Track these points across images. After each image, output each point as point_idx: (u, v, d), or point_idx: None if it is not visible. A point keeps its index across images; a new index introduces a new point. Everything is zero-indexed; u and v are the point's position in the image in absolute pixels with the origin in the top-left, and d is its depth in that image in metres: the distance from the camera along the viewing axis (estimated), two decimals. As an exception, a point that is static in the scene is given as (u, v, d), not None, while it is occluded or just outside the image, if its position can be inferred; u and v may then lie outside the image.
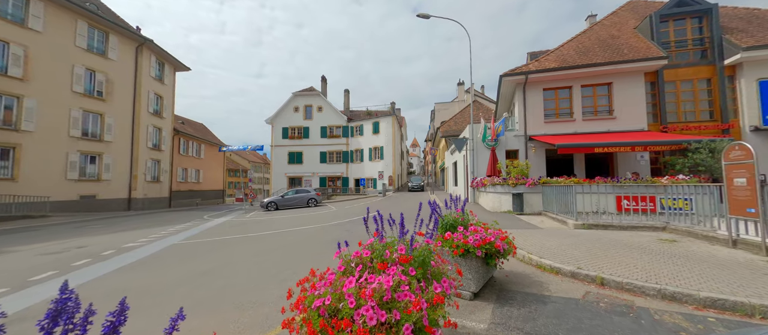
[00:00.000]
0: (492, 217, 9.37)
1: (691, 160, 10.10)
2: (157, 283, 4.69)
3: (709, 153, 9.74)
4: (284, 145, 35.45)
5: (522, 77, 14.14)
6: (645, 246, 5.24)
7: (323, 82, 37.40)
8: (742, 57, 12.06)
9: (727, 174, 4.96)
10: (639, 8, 16.92)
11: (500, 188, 11.18)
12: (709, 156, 9.68)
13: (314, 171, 34.90)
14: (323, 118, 35.62)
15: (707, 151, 9.79)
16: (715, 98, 13.04)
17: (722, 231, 5.33)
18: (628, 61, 12.97)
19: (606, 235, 6.32)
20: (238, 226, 11.78)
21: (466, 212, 4.29)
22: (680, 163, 10.48)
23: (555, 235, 6.53)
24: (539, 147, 14.11)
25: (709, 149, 9.84)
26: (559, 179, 9.95)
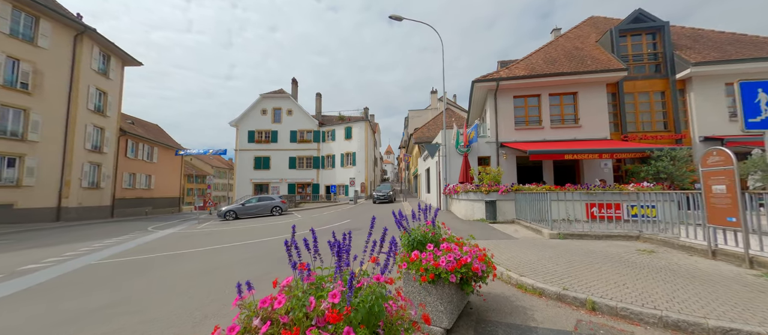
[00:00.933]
0: (465, 226, 8.88)
1: (654, 167, 10.37)
2: (19, 328, 3.46)
3: (671, 161, 10.05)
4: (250, 149, 33.34)
5: (493, 84, 14.10)
6: (626, 258, 4.87)
7: (294, 85, 35.95)
8: (692, 72, 12.85)
9: (705, 181, 4.73)
10: (599, 24, 17.81)
11: (473, 196, 10.78)
12: (670, 164, 9.97)
13: (282, 177, 33.11)
14: (293, 122, 34.08)
15: (668, 159, 10.10)
16: (668, 110, 13.79)
17: (699, 241, 5.10)
18: (592, 71, 13.35)
19: (583, 246, 5.95)
20: (184, 239, 10.28)
21: (437, 225, 3.58)
22: (644, 170, 10.75)
23: (532, 246, 6.05)
24: (510, 154, 14.06)
25: (671, 157, 10.16)
26: (532, 186, 9.71)
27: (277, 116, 34.22)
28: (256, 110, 34.01)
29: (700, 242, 5.06)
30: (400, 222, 3.40)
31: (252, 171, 33.04)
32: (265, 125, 33.90)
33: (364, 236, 8.34)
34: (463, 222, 10.21)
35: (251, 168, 33.10)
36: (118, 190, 23.74)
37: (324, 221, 13.10)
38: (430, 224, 3.55)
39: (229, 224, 15.17)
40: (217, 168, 55.41)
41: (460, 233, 8.17)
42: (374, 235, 2.24)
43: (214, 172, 54.78)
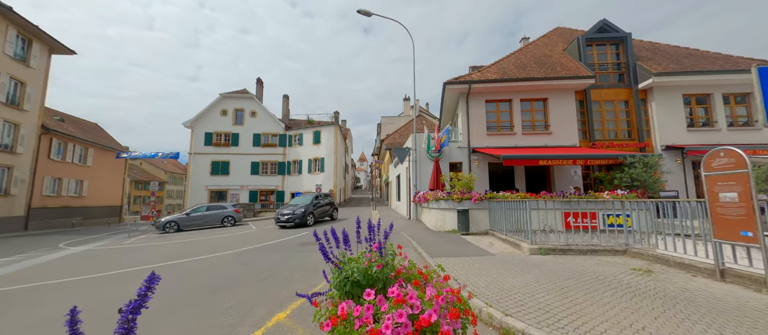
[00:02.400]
0: (434, 239, 7.84)
1: (628, 175, 10.10)
2: None
3: (644, 167, 9.82)
4: (207, 153, 30.38)
5: (465, 87, 13.48)
6: (625, 282, 3.99)
7: (259, 85, 33.67)
8: (653, 82, 13.10)
9: (710, 188, 4.01)
10: (565, 34, 18.12)
11: (444, 204, 9.81)
12: (643, 171, 9.74)
13: (243, 184, 30.46)
14: (257, 124, 31.70)
15: (642, 165, 9.87)
16: (632, 119, 13.98)
17: (701, 258, 4.37)
18: (562, 77, 13.19)
19: (570, 264, 5.07)
20: (94, 260, 8.20)
21: (389, 251, 2.40)
22: (618, 178, 10.47)
23: (512, 265, 5.06)
24: (482, 160, 13.43)
25: (644, 163, 9.95)
26: (507, 194, 8.96)
27: (239, 118, 31.66)
28: (215, 111, 31.22)
29: (702, 259, 4.34)
30: (326, 255, 2.18)
31: (208, 177, 30.04)
32: (225, 126, 31.18)
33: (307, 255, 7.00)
34: (433, 234, 9.16)
35: (207, 174, 30.10)
36: (37, 197, 20.09)
37: (276, 235, 11.44)
38: (378, 249, 2.36)
39: (167, 238, 12.93)
40: (173, 173, 50.53)
41: (430, 247, 7.13)
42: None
43: (168, 178, 49.88)
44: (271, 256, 7.26)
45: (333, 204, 16.86)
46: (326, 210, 16.17)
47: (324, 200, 16.12)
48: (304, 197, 15.74)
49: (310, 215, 14.07)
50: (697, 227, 4.51)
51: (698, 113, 13.69)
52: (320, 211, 15.40)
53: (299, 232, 11.74)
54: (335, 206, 16.93)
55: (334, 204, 17.07)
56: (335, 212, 16.87)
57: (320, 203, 15.62)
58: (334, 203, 16.99)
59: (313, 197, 15.43)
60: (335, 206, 16.93)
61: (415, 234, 9.27)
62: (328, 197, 16.88)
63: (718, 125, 13.24)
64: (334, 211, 16.82)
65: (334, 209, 16.79)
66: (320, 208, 15.46)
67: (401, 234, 9.76)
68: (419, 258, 6.37)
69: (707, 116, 13.61)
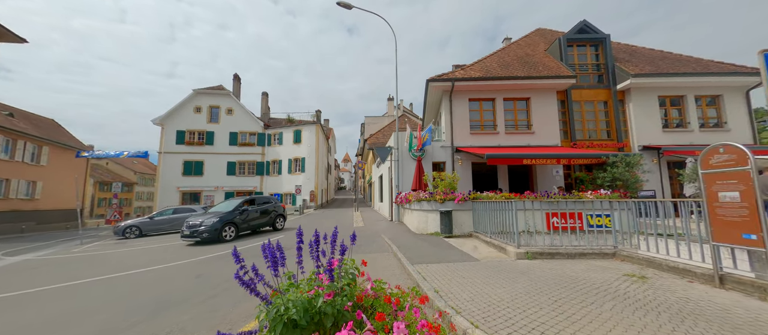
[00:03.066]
0: (416, 242, 7.30)
1: (610, 174, 10.04)
2: None
3: (626, 167, 9.78)
4: (178, 152, 28.64)
5: (448, 84, 13.15)
6: (622, 291, 3.62)
7: (236, 82, 32.19)
8: (631, 83, 13.27)
9: (708, 187, 3.71)
10: (546, 35, 18.24)
11: (426, 205, 9.35)
12: (625, 170, 9.68)
13: (219, 185, 28.95)
14: (234, 122, 30.26)
15: (624, 165, 9.82)
16: (611, 119, 14.13)
17: (697, 262, 4.08)
18: (544, 77, 13.12)
19: (559, 269, 4.69)
20: (27, 273, 7.11)
21: (347, 270, 1.84)
22: (600, 177, 10.40)
23: (498, 273, 4.62)
24: (466, 159, 13.13)
25: (626, 163, 9.91)
26: (490, 194, 8.61)
27: (215, 116, 30.10)
28: (188, 108, 29.51)
29: (697, 263, 4.05)
30: (247, 284, 1.60)
31: (180, 178, 28.31)
32: (199, 124, 29.53)
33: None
34: (414, 237, 8.66)
35: (179, 174, 28.36)
36: (-22, 201, 18.04)
37: (244, 240, 10.49)
38: (329, 271, 1.79)
39: (126, 244, 11.74)
40: (143, 174, 47.54)
41: (410, 251, 6.57)
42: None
43: (138, 179, 46.90)
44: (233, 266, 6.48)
45: (273, 212, 12.70)
46: (262, 219, 12.05)
47: (258, 207, 11.93)
48: (228, 203, 11.56)
49: (230, 226, 10.27)
50: (693, 229, 4.22)
51: (672, 114, 14.02)
52: (253, 220, 11.47)
53: (267, 237, 10.91)
54: (281, 213, 13.10)
55: (281, 211, 13.17)
56: (280, 221, 12.99)
57: (251, 211, 11.41)
58: (278, 209, 13.05)
59: (240, 201, 11.37)
60: (281, 213, 13.10)
61: (396, 237, 8.75)
62: (271, 203, 12.80)
63: (690, 126, 13.59)
64: (279, 219, 12.91)
65: (279, 218, 12.94)
66: (252, 216, 11.44)
67: (381, 237, 9.21)
68: (398, 265, 5.84)
69: (681, 118, 13.96)
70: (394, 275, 5.16)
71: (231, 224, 10.42)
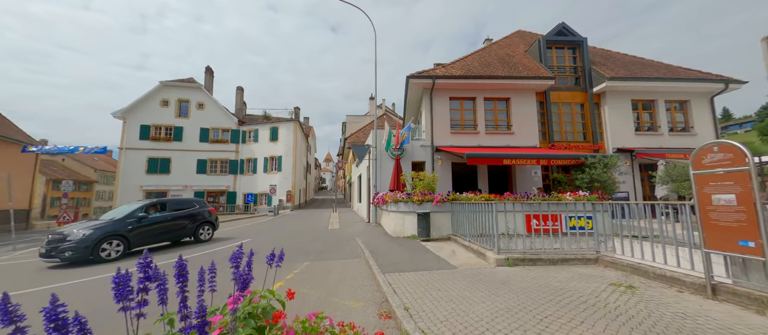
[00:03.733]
0: (392, 247, 6.65)
1: (589, 175, 9.98)
2: None
3: (604, 168, 9.75)
4: (142, 148, 26.61)
5: (429, 82, 12.75)
6: (609, 304, 3.25)
7: (208, 75, 30.42)
8: (607, 86, 13.46)
9: (699, 189, 3.40)
10: (526, 37, 18.35)
11: (403, 206, 8.85)
12: (603, 171, 9.65)
13: (187, 184, 27.18)
14: (205, 117, 28.55)
15: (602, 166, 9.79)
16: (587, 121, 14.30)
17: (685, 270, 3.79)
18: (524, 77, 13.03)
19: (542, 278, 4.29)
20: None
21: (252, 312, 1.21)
22: (579, 178, 10.34)
23: (477, 284, 4.16)
24: (446, 159, 12.79)
25: (604, 164, 9.89)
26: (470, 195, 8.24)
27: (184, 110, 28.25)
28: (154, 101, 27.52)
29: (686, 271, 3.76)
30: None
31: (144, 176, 26.31)
32: (167, 119, 27.61)
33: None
34: (390, 241, 8.13)
35: (143, 172, 26.36)
36: None
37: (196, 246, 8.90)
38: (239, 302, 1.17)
39: (67, 249, 10.37)
40: (104, 172, 44.05)
41: (383, 257, 5.85)
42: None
43: (99, 177, 43.43)
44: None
45: (197, 218, 9.65)
46: (177, 229, 8.99)
47: (172, 213, 8.95)
48: (124, 208, 8.55)
49: (115, 240, 7.45)
50: (681, 234, 3.94)
51: (644, 118, 14.38)
52: (161, 231, 8.54)
53: (225, 244, 9.85)
54: (208, 220, 9.98)
55: (208, 217, 10.03)
56: (206, 231, 9.90)
57: (156, 219, 8.46)
58: (205, 214, 9.94)
59: (140, 205, 8.44)
60: (208, 220, 9.98)
61: (371, 241, 8.18)
62: (194, 207, 9.79)
63: (661, 129, 13.97)
64: (204, 228, 9.85)
65: (205, 226, 9.86)
66: (159, 226, 8.46)
67: (356, 241, 8.61)
68: (369, 273, 5.26)
69: (652, 121, 14.34)
70: (362, 286, 4.59)
71: (117, 237, 7.47)
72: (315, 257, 6.89)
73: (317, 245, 8.32)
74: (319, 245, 8.31)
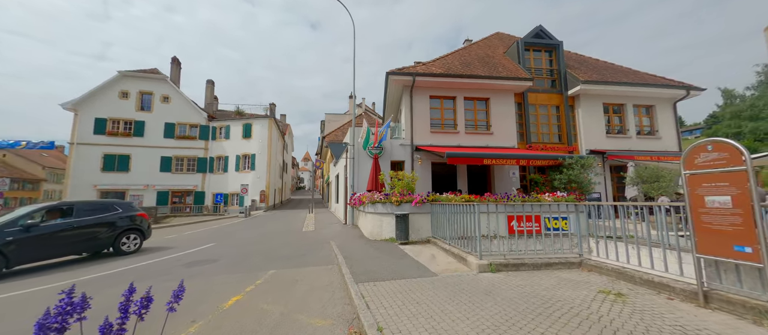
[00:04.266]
0: (367, 251, 6.07)
1: (566, 176, 10.03)
2: None
3: (581, 168, 9.83)
4: (97, 143, 24.29)
5: (409, 79, 12.40)
6: (602, 315, 2.98)
7: (175, 66, 28.39)
8: (581, 89, 13.78)
9: (691, 190, 3.21)
10: (505, 39, 18.54)
11: (381, 208, 8.39)
12: (580, 172, 9.72)
13: (149, 183, 25.14)
14: (171, 112, 26.57)
15: (579, 166, 9.87)
16: (562, 123, 14.58)
17: (674, 275, 3.61)
18: (504, 77, 13.02)
19: (527, 286, 3.99)
20: None
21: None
22: (557, 179, 10.37)
23: (459, 294, 3.77)
24: (426, 159, 12.49)
25: (581, 165, 9.97)
26: (450, 196, 7.93)
27: (146, 103, 26.13)
28: (112, 92, 25.21)
29: (675, 277, 3.58)
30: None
31: (99, 174, 24.01)
32: (126, 112, 25.38)
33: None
34: (367, 245, 7.63)
35: (98, 169, 24.06)
36: None
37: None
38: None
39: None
40: (55, 170, 39.98)
41: (358, 264, 5.13)
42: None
43: (48, 175, 39.36)
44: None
45: (121, 223, 7.89)
46: (85, 239, 7.24)
47: (78, 219, 7.16)
48: (15, 213, 6.89)
49: None
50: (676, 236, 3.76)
51: (614, 121, 14.89)
52: (60, 242, 6.85)
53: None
54: (135, 226, 8.16)
55: (133, 223, 8.15)
56: (131, 240, 8.09)
57: (52, 227, 6.78)
58: (129, 220, 8.08)
59: (30, 210, 6.85)
60: (135, 226, 8.16)
61: (346, 245, 7.65)
62: (116, 212, 7.93)
63: (629, 132, 14.51)
64: (128, 237, 8.03)
65: (127, 234, 8.01)
66: (56, 236, 6.78)
67: (330, 245, 8.04)
68: (341, 283, 4.74)
69: (621, 125, 14.88)
70: (332, 299, 4.06)
71: None
72: (283, 264, 6.25)
73: (287, 251, 7.65)
74: (290, 250, 7.65)
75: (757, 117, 30.24)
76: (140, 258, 7.46)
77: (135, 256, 7.77)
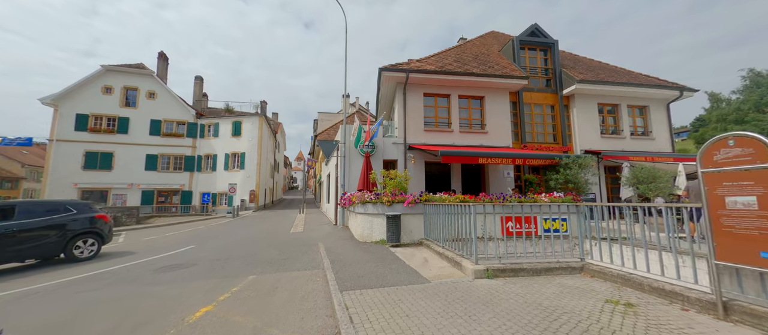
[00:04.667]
0: (356, 255, 5.50)
1: (563, 176, 9.78)
2: None
3: (579, 168, 9.59)
4: (79, 140, 23.31)
5: (402, 76, 12.04)
6: (614, 330, 2.64)
7: (161, 61, 27.50)
8: (576, 88, 13.61)
9: (710, 190, 2.90)
10: (499, 38, 18.34)
11: (371, 208, 8.00)
12: (578, 171, 9.49)
13: (134, 182, 24.24)
14: (157, 108, 25.70)
15: (577, 166, 9.63)
16: (557, 123, 14.40)
17: (688, 283, 3.30)
18: (499, 76, 12.76)
19: (528, 294, 3.65)
20: None
21: None
22: (554, 179, 10.12)
23: (454, 304, 3.41)
24: (419, 158, 12.14)
25: (579, 164, 9.74)
26: (444, 196, 7.59)
27: (131, 99, 25.22)
28: (94, 87, 24.25)
29: (690, 285, 3.28)
30: None
31: (80, 172, 23.04)
32: (109, 108, 24.44)
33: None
34: (356, 247, 7.23)
35: (79, 167, 23.08)
36: None
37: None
38: None
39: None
40: (35, 167, 38.47)
41: (345, 269, 4.60)
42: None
43: (27, 173, 37.84)
44: None
45: (74, 225, 7.11)
46: (27, 245, 6.43)
47: (19, 222, 6.41)
48: None
49: None
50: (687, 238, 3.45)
51: (609, 121, 14.78)
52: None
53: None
54: (89, 229, 7.30)
55: (91, 226, 7.36)
56: (89, 245, 7.29)
57: None
58: (83, 223, 7.25)
59: None
60: (89, 229, 7.30)
61: (334, 247, 7.23)
62: (67, 214, 7.16)
63: (623, 133, 14.41)
64: (83, 240, 7.22)
65: (82, 238, 7.20)
66: None
67: (318, 247, 7.62)
68: (325, 290, 4.33)
69: (615, 125, 14.77)
70: (313, 310, 3.66)
71: None
72: (264, 268, 5.81)
73: (271, 254, 7.20)
74: (274, 253, 7.20)
75: (743, 121, 30.81)
76: (99, 265, 6.63)
77: (92, 262, 6.91)
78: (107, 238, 7.80)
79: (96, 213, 7.63)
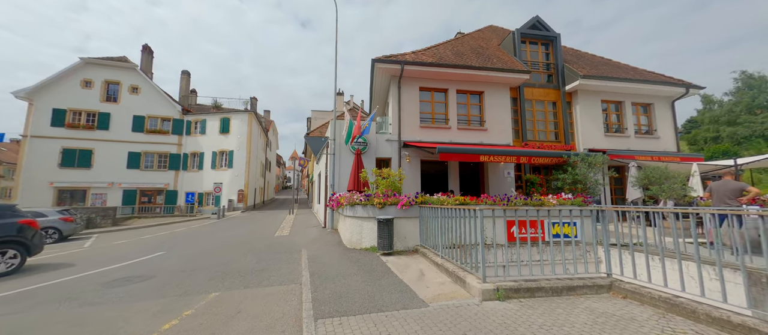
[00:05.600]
0: (341, 267, 4.36)
1: (572, 175, 9.04)
2: None
3: (587, 167, 8.87)
4: (55, 137, 22.02)
5: (397, 68, 11.23)
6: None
7: (146, 54, 26.24)
8: (579, 84, 12.93)
9: None
10: (498, 32, 17.63)
11: (361, 210, 7.16)
12: (587, 170, 8.76)
13: (115, 181, 23.00)
14: (140, 104, 24.47)
15: (586, 165, 8.91)
16: (559, 120, 13.72)
17: (731, 306, 2.53)
18: (500, 70, 12.03)
19: (555, 326, 2.87)
20: None
21: None
22: (561, 179, 9.38)
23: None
24: (414, 156, 11.34)
25: (588, 163, 9.02)
26: (442, 197, 6.78)
27: (113, 93, 23.96)
28: (73, 81, 22.96)
29: (735, 309, 2.49)
30: None
31: (56, 170, 21.74)
32: (89, 103, 23.16)
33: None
34: (342, 256, 6.38)
35: (55, 165, 21.78)
36: None
37: None
38: None
39: None
40: (11, 165, 36.78)
41: (325, 285, 3.74)
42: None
43: (4, 171, 36.10)
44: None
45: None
46: None
47: None
48: None
49: None
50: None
51: (613, 119, 14.16)
52: None
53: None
54: (19, 240, 6.28)
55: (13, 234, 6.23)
56: (9, 258, 6.11)
57: None
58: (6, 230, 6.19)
59: None
60: (19, 240, 6.28)
61: (318, 255, 6.38)
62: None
63: (627, 131, 13.79)
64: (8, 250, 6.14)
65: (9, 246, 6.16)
66: None
67: (300, 254, 6.75)
68: (296, 318, 3.47)
69: (619, 123, 14.15)
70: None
71: None
72: (233, 282, 4.93)
73: (246, 262, 6.31)
74: (249, 262, 6.31)
75: (734, 122, 30.65)
76: (22, 282, 5.36)
77: (12, 279, 5.64)
78: (35, 249, 6.60)
79: (20, 218, 6.50)
